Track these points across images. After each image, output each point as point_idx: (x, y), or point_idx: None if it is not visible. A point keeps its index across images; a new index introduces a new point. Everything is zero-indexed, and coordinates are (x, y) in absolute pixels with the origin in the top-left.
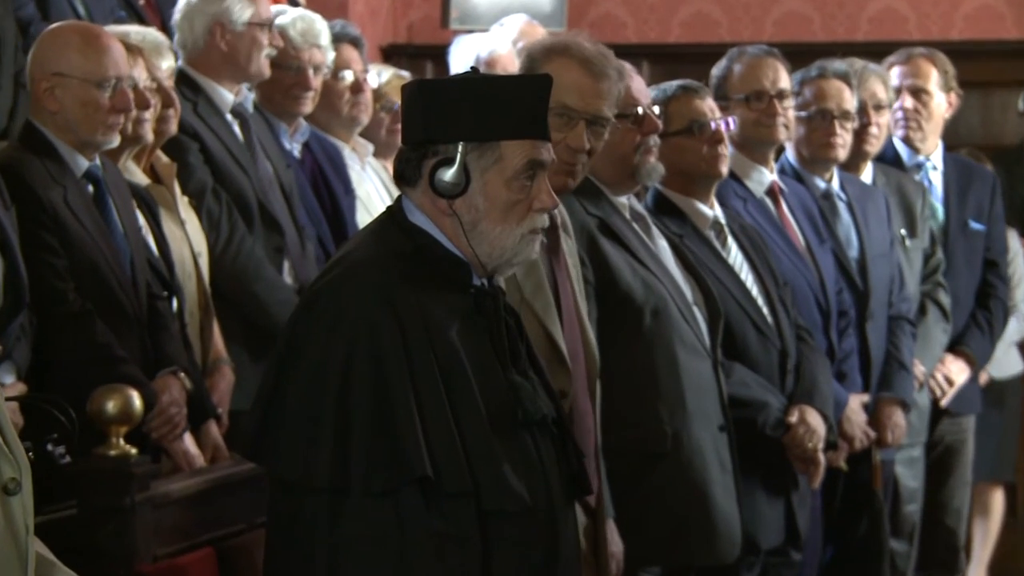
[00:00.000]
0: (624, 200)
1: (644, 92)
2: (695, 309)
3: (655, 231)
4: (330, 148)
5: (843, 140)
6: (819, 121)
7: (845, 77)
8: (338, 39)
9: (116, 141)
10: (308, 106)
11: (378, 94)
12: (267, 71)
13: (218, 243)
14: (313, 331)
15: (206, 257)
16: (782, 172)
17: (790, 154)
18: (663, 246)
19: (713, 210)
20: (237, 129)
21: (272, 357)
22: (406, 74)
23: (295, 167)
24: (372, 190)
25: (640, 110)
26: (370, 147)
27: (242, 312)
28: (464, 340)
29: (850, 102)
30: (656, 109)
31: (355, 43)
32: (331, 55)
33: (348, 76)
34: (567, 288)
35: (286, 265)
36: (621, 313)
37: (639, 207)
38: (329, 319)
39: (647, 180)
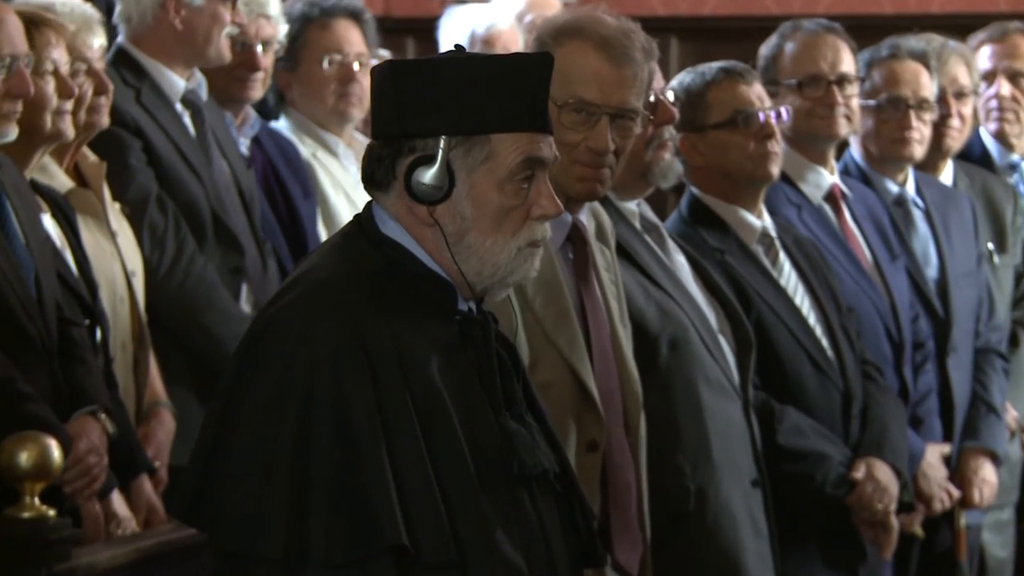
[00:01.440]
0: (633, 207)
1: (657, 75)
2: (720, 339)
3: (670, 244)
4: (285, 144)
5: (920, 134)
6: (891, 111)
7: (923, 58)
8: (329, 13)
9: (12, 134)
10: (256, 90)
11: None
12: (227, 54)
13: (162, 263)
14: (263, 367)
15: (142, 277)
16: (845, 173)
17: (855, 151)
18: (680, 262)
19: (761, 220)
20: (188, 122)
21: (214, 399)
22: (385, 53)
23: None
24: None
25: (651, 96)
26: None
27: (190, 347)
28: (447, 378)
29: (928, 88)
30: (670, 95)
31: (355, 17)
32: (283, 27)
33: (332, 61)
34: (599, 316)
35: (244, 290)
36: (632, 344)
37: (651, 215)
38: (282, 352)
39: (661, 181)
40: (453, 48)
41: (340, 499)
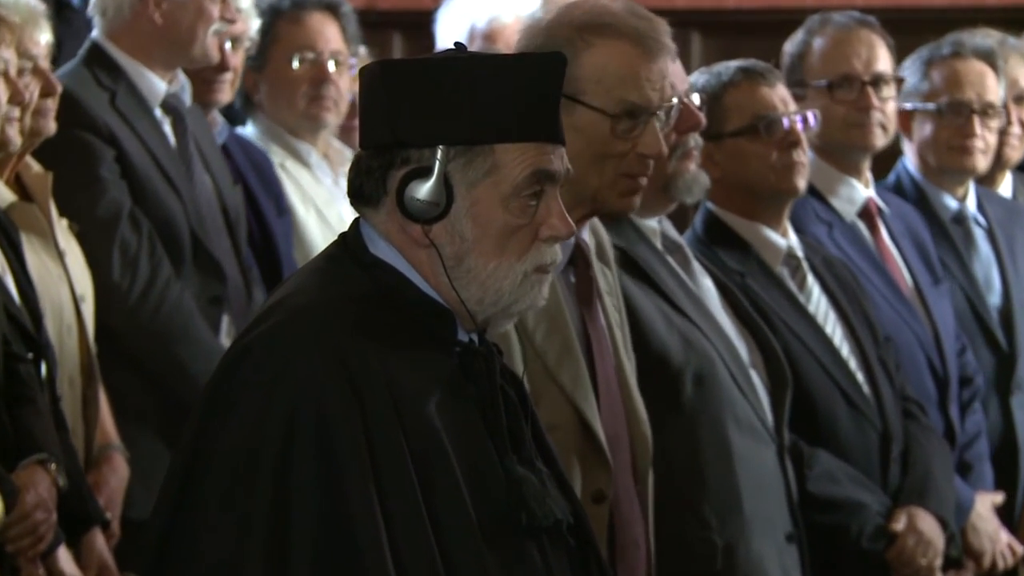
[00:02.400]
0: (654, 224)
1: (680, 75)
2: (752, 374)
3: (696, 267)
4: (256, 153)
5: (984, 143)
6: (952, 117)
7: (989, 57)
8: (301, 5)
9: None
10: (225, 93)
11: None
12: (215, 54)
13: (134, 288)
14: (235, 406)
15: (91, 302)
16: (898, 187)
17: (910, 162)
18: (707, 287)
19: (786, 239)
20: (168, 130)
21: (179, 444)
22: (367, 52)
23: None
24: (348, 213)
25: (675, 99)
26: (348, 154)
27: (160, 383)
28: (446, 417)
29: (995, 92)
30: (696, 98)
31: (332, 10)
32: (254, 23)
33: (304, 59)
34: (604, 348)
35: (225, 322)
36: (653, 380)
37: (674, 234)
38: (258, 389)
39: (685, 196)
40: (452, 46)
41: (325, 558)
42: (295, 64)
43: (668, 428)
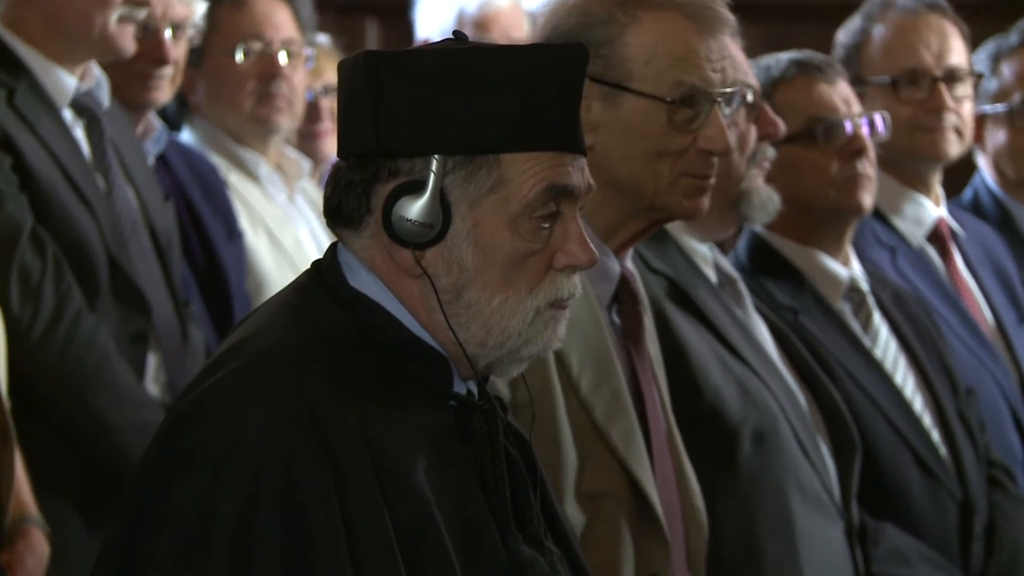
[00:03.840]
0: (705, 250)
1: (743, 62)
2: (818, 436)
3: (749, 304)
4: (202, 166)
5: None
6: None
7: None
8: None
9: None
10: (163, 91)
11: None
12: (126, 43)
13: (37, 322)
14: (184, 474)
15: (2, 347)
16: (976, 206)
17: (987, 174)
18: (763, 328)
19: (848, 268)
20: (81, 135)
21: (115, 520)
22: (325, 40)
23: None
24: (305, 236)
25: (749, 95)
26: (305, 165)
27: (71, 439)
28: (438, 486)
29: None
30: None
31: None
32: (200, 6)
33: (250, 50)
34: (655, 401)
35: (151, 364)
36: (704, 435)
37: (727, 264)
38: (211, 452)
39: (757, 215)
40: (452, 36)
41: None
42: (239, 56)
43: (720, 494)
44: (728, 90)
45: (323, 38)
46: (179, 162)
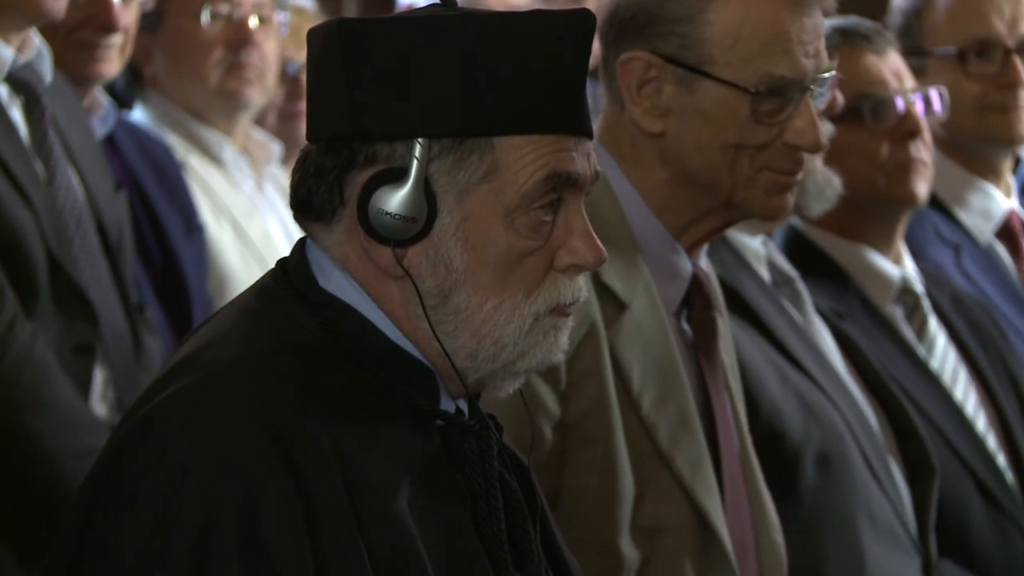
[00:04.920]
0: (758, 246)
1: None
2: (890, 458)
3: (809, 307)
4: (157, 150)
5: None
6: None
7: None
8: None
9: None
10: (111, 62)
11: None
12: (56, 5)
13: None
14: (131, 501)
15: None
16: None
17: None
18: (826, 336)
19: (900, 267)
20: (17, 114)
21: (51, 558)
22: (307, 3)
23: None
24: (275, 228)
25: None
26: (275, 148)
27: (6, 469)
28: (423, 518)
29: None
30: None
31: None
32: None
33: (216, 13)
34: (727, 423)
35: (98, 380)
36: (761, 457)
37: (783, 262)
38: (162, 480)
39: (814, 203)
40: (439, 1)
41: None
42: (204, 19)
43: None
44: (823, 76)
45: (307, 1)
46: (130, 145)
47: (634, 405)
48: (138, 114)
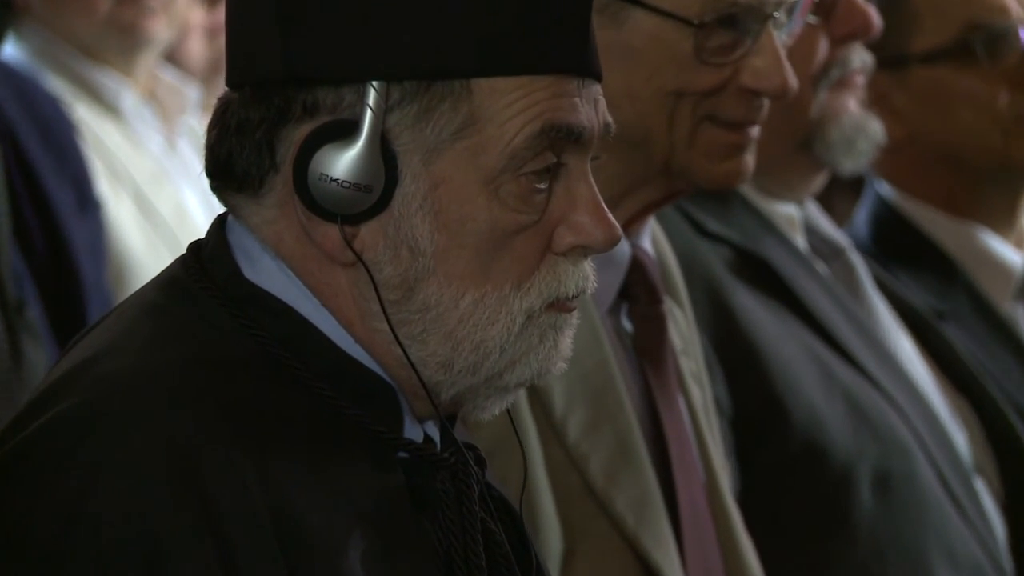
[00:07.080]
0: (792, 211)
1: None
2: (977, 478)
3: (867, 285)
4: (42, 101)
5: None
6: None
7: None
8: None
9: None
10: None
11: None
12: None
13: None
14: (12, 557)
15: None
16: None
17: None
18: (889, 320)
19: (1023, 253)
20: None
21: None
22: None
23: None
24: (192, 200)
25: None
26: (192, 94)
27: None
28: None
29: None
30: None
31: None
32: None
33: None
34: (686, 443)
35: None
36: (795, 482)
37: (829, 229)
38: (39, 538)
39: (841, 157)
40: None
41: None
42: None
43: (825, 566)
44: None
45: None
46: (4, 92)
47: (557, 433)
48: (10, 51)
